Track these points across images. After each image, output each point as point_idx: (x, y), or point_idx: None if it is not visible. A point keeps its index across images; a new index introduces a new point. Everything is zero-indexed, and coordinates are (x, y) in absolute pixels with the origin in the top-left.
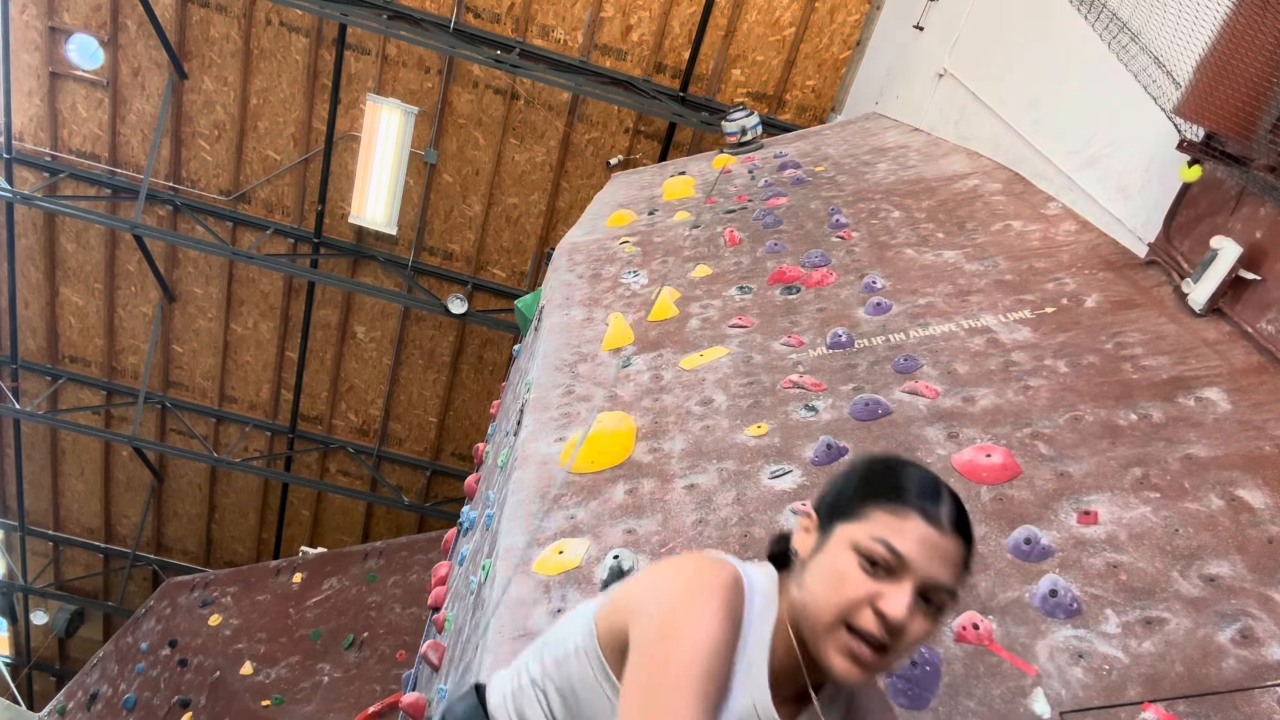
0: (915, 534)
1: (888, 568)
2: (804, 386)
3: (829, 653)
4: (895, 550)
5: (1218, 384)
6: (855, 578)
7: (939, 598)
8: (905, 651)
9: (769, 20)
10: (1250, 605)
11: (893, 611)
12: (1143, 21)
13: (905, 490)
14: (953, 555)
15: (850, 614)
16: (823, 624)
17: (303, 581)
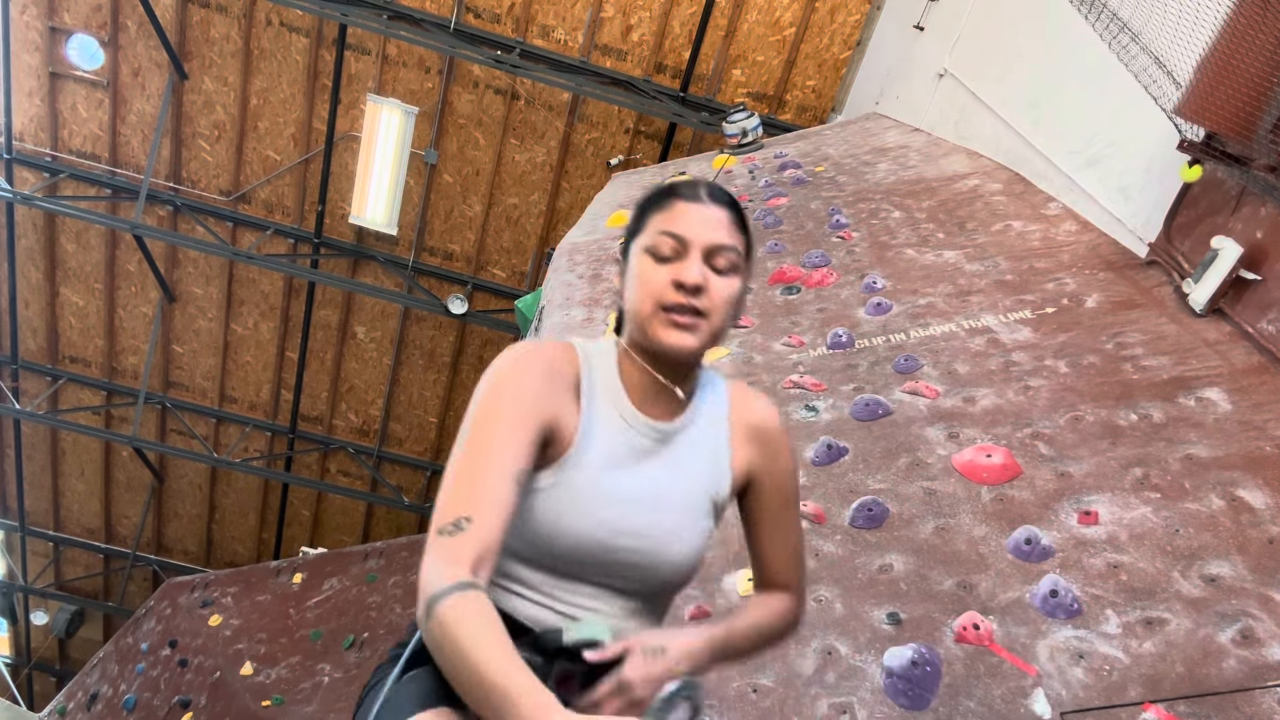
0: (683, 214)
1: (674, 251)
2: (804, 387)
3: (659, 335)
4: (671, 233)
5: (1218, 384)
6: (653, 271)
7: (725, 258)
8: (723, 311)
9: (769, 20)
10: (1251, 605)
11: (688, 277)
12: (1143, 22)
13: (669, 191)
14: (721, 219)
15: (660, 299)
16: (645, 318)
17: (303, 582)
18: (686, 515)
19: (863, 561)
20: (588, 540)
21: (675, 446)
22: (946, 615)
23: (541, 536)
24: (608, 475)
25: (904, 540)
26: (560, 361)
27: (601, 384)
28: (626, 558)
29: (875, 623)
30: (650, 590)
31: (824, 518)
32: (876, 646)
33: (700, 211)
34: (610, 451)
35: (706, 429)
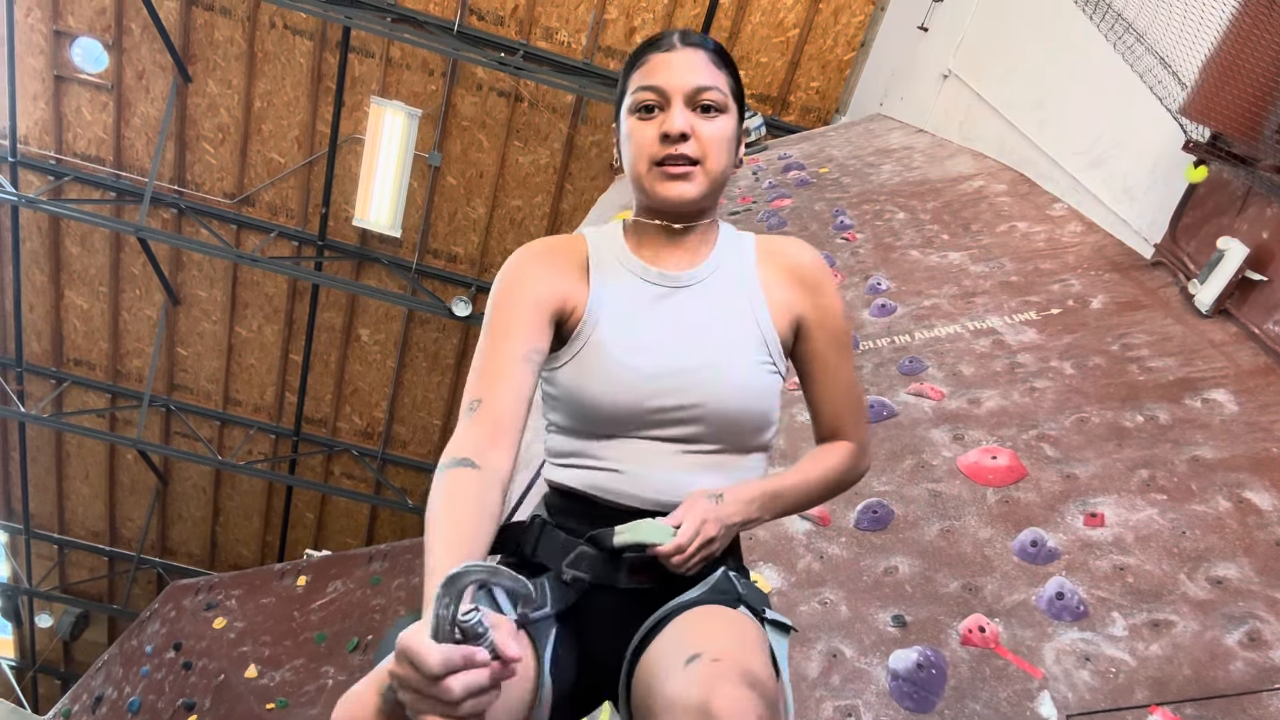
0: (658, 65)
1: (656, 104)
2: None
3: (658, 190)
4: (649, 86)
5: (1224, 385)
6: (640, 129)
7: (709, 97)
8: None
9: (773, 21)
10: (1258, 607)
11: (672, 127)
12: (1148, 22)
13: (643, 47)
14: (697, 61)
15: (652, 154)
16: (641, 175)
17: (307, 584)
18: (729, 348)
19: (868, 564)
20: (626, 393)
21: (697, 293)
22: (952, 618)
23: (585, 406)
24: (626, 326)
25: (909, 542)
26: (564, 246)
27: (611, 254)
28: (673, 400)
29: (880, 625)
30: (719, 435)
31: (829, 520)
32: (882, 649)
33: (675, 59)
34: (625, 308)
35: (730, 277)
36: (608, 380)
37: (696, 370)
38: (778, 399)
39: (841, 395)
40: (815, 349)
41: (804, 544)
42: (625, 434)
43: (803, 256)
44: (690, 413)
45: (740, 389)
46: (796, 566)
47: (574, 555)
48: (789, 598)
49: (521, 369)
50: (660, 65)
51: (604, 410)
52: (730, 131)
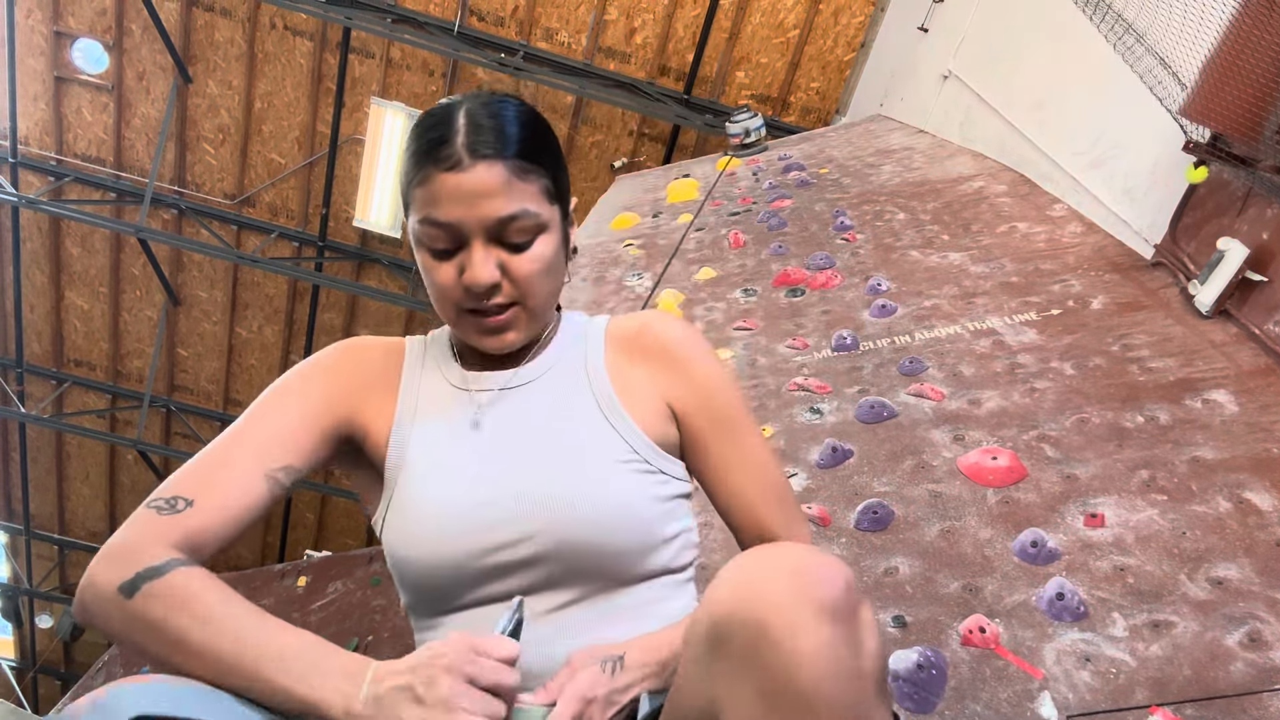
0: (444, 194)
1: (451, 244)
2: (809, 389)
3: (476, 342)
4: (436, 222)
5: (1225, 386)
6: (436, 269)
7: (519, 226)
8: (538, 286)
9: (773, 22)
10: (1258, 608)
11: (476, 280)
12: (1148, 23)
13: (423, 155)
14: (494, 181)
15: (458, 302)
16: (452, 323)
17: (307, 585)
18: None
19: (868, 564)
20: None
21: (532, 396)
22: (952, 618)
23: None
24: (439, 456)
25: (909, 543)
26: (373, 355)
27: (431, 361)
28: (505, 537)
29: (881, 626)
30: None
31: (829, 520)
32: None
33: (465, 183)
34: (437, 432)
35: (572, 371)
36: (421, 528)
37: (531, 493)
38: (666, 507)
39: (751, 486)
40: (699, 437)
41: None
42: (461, 604)
43: (660, 330)
44: (534, 549)
45: (592, 503)
46: None
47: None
48: None
49: (257, 486)
50: (448, 193)
51: (426, 571)
52: (553, 250)
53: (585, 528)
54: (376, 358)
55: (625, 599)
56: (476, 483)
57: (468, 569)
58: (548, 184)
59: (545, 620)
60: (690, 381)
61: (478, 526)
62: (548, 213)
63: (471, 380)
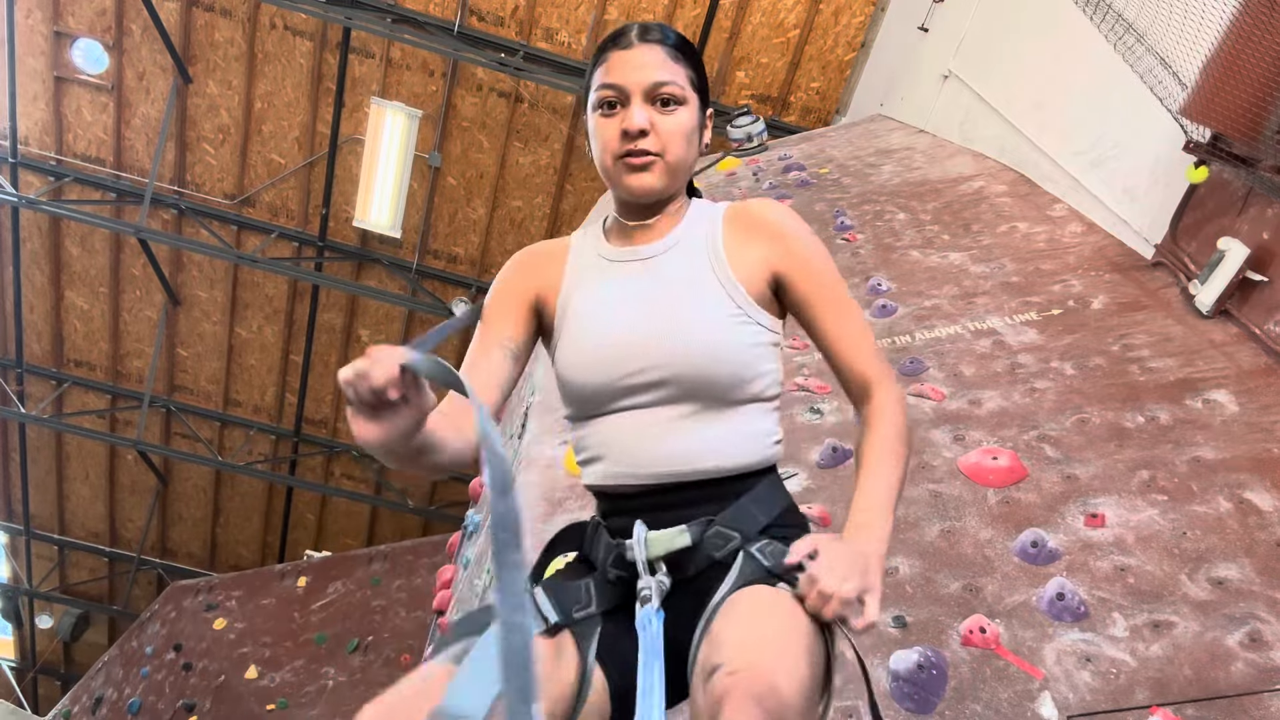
0: (617, 64)
1: (617, 101)
2: (809, 389)
3: (623, 182)
4: (608, 84)
5: (1225, 386)
6: (603, 125)
7: (667, 91)
8: (677, 144)
9: (773, 22)
10: (1259, 608)
11: (631, 124)
12: (1148, 22)
13: (603, 44)
14: (654, 58)
15: (615, 150)
16: (608, 170)
17: (307, 585)
18: (690, 307)
19: None
20: (597, 367)
21: (659, 264)
22: (953, 618)
23: (568, 387)
24: (593, 306)
25: (910, 543)
26: (548, 248)
27: (589, 247)
28: (639, 365)
29: (881, 626)
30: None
31: (829, 520)
32: (882, 650)
33: (633, 55)
34: (593, 290)
35: (695, 245)
36: (579, 357)
37: (659, 333)
38: (759, 350)
39: (849, 338)
40: (801, 297)
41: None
42: (607, 410)
43: (765, 212)
44: (660, 374)
45: (704, 344)
46: None
47: (614, 556)
48: None
49: (494, 355)
50: (619, 63)
51: (582, 388)
52: (690, 123)
53: (697, 361)
54: (545, 251)
55: (727, 414)
56: (619, 326)
57: (612, 387)
58: (691, 74)
59: (669, 426)
60: (791, 252)
61: (620, 357)
62: (689, 93)
63: (616, 252)
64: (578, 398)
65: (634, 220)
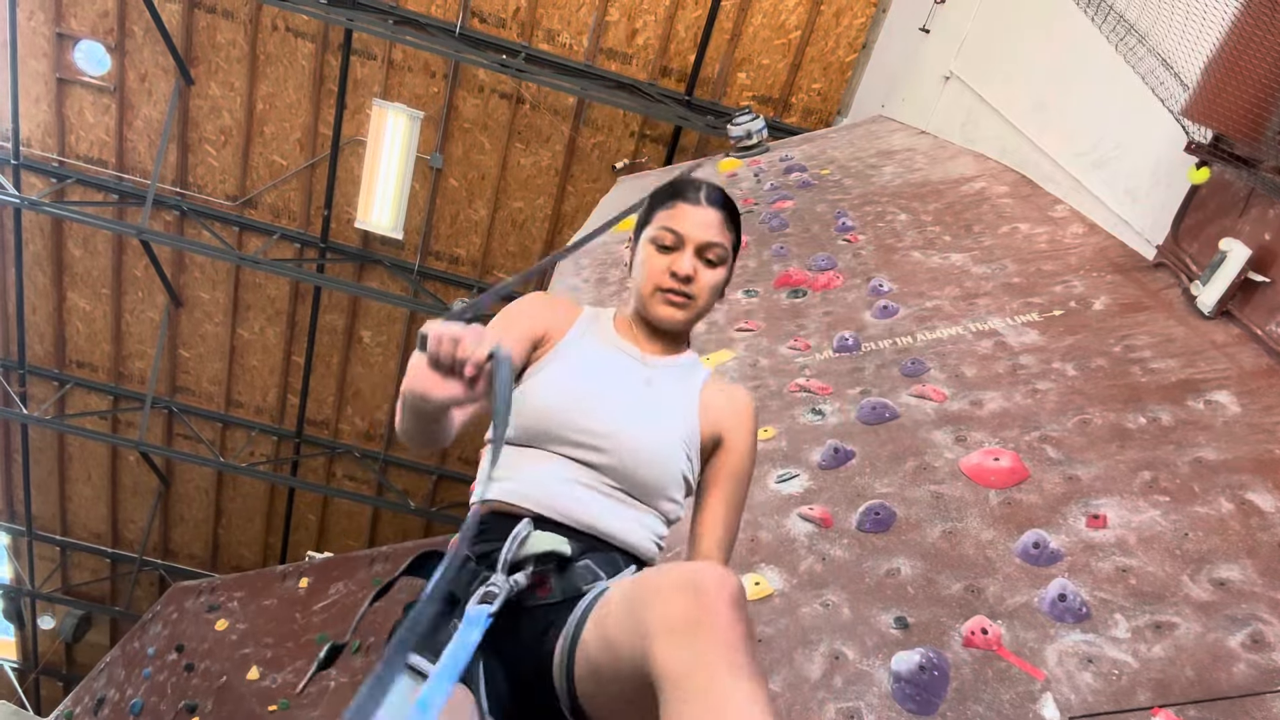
0: (682, 214)
1: (673, 245)
2: (811, 390)
3: (656, 309)
4: (671, 230)
5: (1227, 387)
6: (655, 258)
7: (714, 252)
8: (708, 295)
9: (774, 23)
10: (1261, 609)
11: (681, 269)
12: (1150, 23)
13: (673, 191)
14: (714, 220)
15: (659, 281)
16: (646, 294)
17: (309, 586)
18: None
19: (870, 565)
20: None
21: (647, 375)
22: (954, 619)
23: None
24: (583, 362)
25: (911, 544)
26: (563, 301)
27: (597, 323)
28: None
29: (883, 627)
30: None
31: (831, 521)
32: (884, 651)
33: (697, 214)
34: (589, 353)
35: (681, 379)
36: (558, 390)
37: (628, 418)
38: (680, 484)
39: (727, 524)
40: (722, 470)
41: (806, 546)
42: (547, 446)
43: (742, 396)
44: (609, 445)
45: (653, 446)
46: (798, 568)
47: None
48: (791, 599)
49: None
50: (684, 215)
51: (543, 415)
52: (722, 281)
53: (643, 458)
54: (563, 303)
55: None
56: (603, 389)
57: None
58: (734, 242)
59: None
60: (740, 435)
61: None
62: (729, 256)
63: (622, 344)
64: (532, 421)
65: (645, 335)
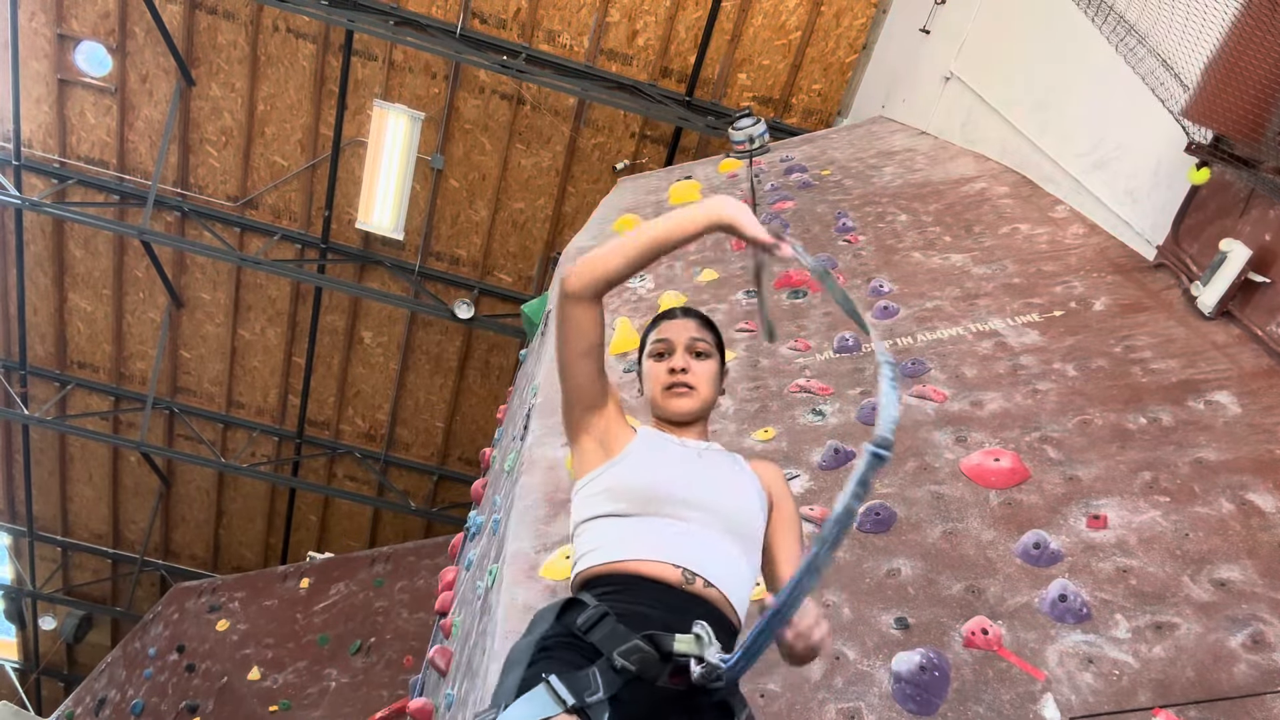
0: (667, 327)
1: (666, 350)
2: (811, 390)
3: (668, 405)
4: (661, 339)
5: (1227, 387)
6: (655, 367)
7: (701, 346)
8: (707, 382)
9: (774, 24)
10: (1261, 610)
11: (676, 363)
12: (1150, 24)
13: (656, 318)
14: (691, 324)
15: (663, 381)
16: (657, 398)
17: (310, 587)
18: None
19: (870, 566)
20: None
21: (702, 452)
22: (955, 620)
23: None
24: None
25: (912, 545)
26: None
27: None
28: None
29: (883, 627)
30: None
31: None
32: (885, 651)
33: (678, 323)
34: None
35: (726, 455)
36: (654, 466)
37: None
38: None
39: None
40: (780, 520)
41: (806, 546)
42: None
43: (771, 463)
44: (708, 502)
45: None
46: None
47: (627, 646)
48: None
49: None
50: (668, 327)
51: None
52: (715, 371)
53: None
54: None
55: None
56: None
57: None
58: (716, 340)
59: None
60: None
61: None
62: (714, 351)
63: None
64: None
65: (671, 430)
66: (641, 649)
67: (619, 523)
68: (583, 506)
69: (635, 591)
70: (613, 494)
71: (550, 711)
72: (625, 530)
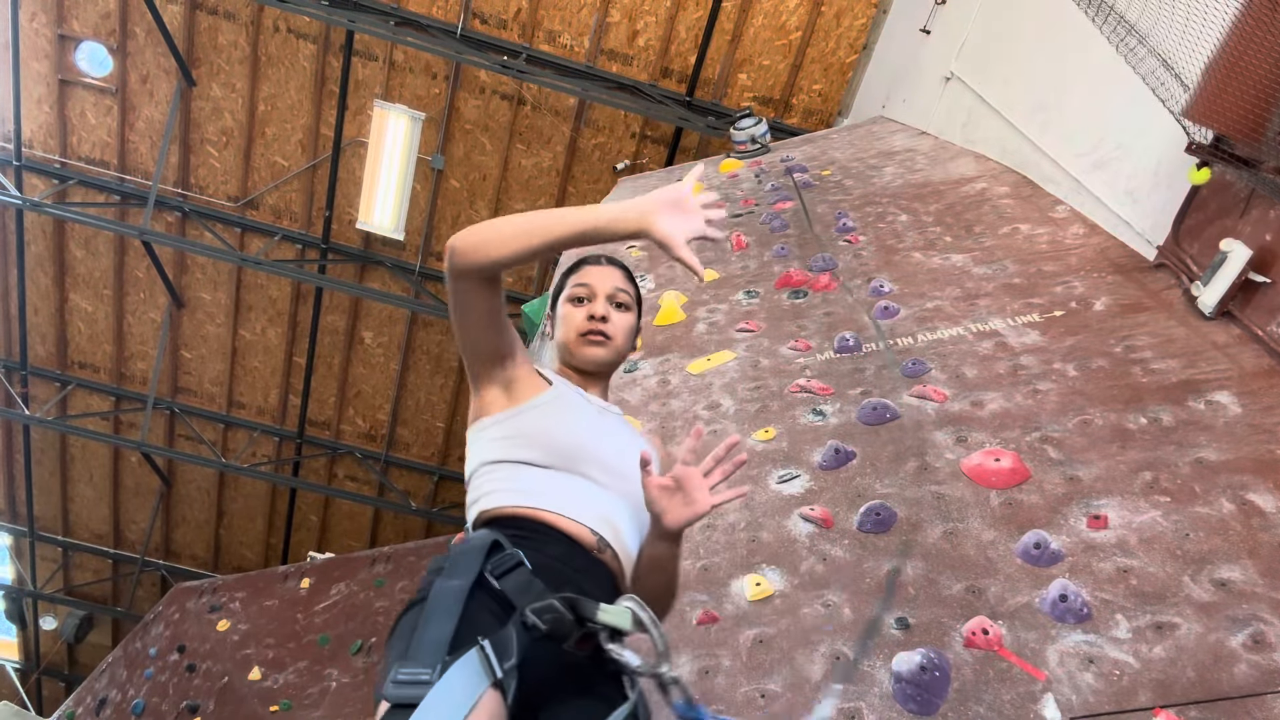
0: (589, 273)
1: (587, 295)
2: (811, 391)
3: (580, 352)
4: (583, 283)
5: (1228, 387)
6: (573, 311)
7: (621, 297)
8: (623, 335)
9: (775, 24)
10: (1262, 610)
11: (596, 309)
12: (1150, 24)
13: (578, 261)
14: (616, 274)
15: (579, 328)
16: (570, 342)
17: (311, 587)
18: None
19: (870, 566)
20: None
21: (605, 413)
22: (955, 620)
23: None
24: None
25: (912, 545)
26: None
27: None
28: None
29: (883, 628)
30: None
31: (832, 522)
32: (885, 651)
33: (601, 270)
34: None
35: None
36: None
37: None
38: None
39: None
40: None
41: (807, 546)
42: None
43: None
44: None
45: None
46: (799, 568)
47: (542, 605)
48: (792, 600)
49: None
50: (590, 272)
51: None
52: (632, 325)
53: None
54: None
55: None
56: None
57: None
58: (636, 294)
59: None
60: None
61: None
62: (634, 305)
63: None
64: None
65: (578, 379)
66: (558, 610)
67: (536, 471)
68: (488, 448)
69: (544, 541)
70: (528, 440)
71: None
72: (544, 481)
